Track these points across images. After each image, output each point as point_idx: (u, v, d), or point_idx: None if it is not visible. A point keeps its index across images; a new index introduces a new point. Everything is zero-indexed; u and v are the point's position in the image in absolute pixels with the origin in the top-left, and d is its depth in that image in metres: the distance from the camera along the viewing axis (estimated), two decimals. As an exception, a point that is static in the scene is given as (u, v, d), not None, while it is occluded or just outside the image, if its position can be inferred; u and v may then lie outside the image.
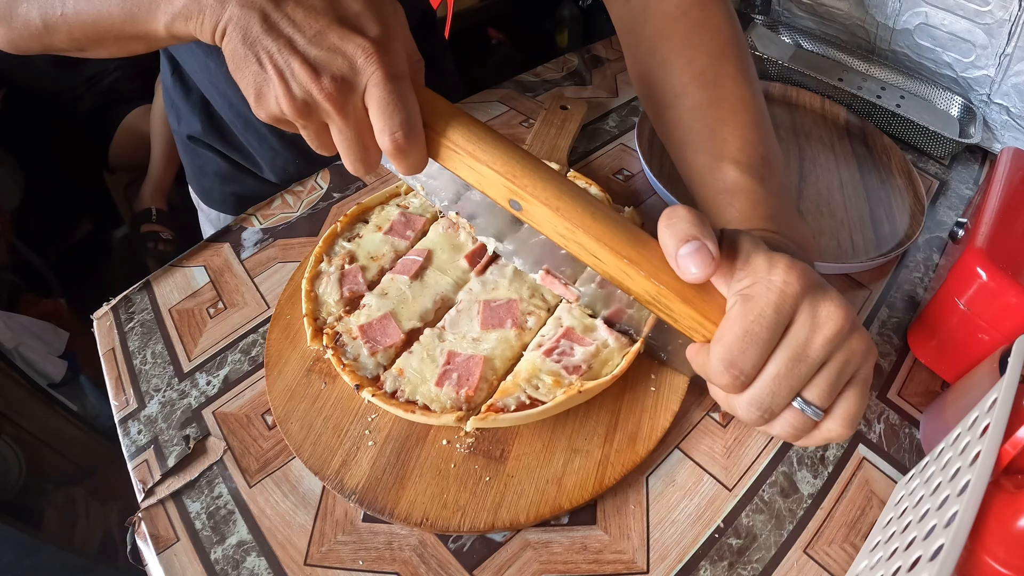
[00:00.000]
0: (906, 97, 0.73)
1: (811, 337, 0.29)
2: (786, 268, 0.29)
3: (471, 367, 0.42)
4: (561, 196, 0.33)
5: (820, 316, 0.29)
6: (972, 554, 0.30)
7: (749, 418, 0.30)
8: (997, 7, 0.61)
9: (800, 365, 0.29)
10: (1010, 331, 0.41)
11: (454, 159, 0.34)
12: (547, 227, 0.34)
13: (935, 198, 0.64)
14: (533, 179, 0.33)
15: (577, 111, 0.69)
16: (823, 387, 0.29)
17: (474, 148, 0.33)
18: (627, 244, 0.32)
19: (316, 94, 0.30)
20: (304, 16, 0.30)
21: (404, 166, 0.33)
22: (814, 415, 0.30)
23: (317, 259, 0.50)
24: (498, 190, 0.34)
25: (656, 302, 0.33)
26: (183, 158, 0.75)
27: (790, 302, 0.29)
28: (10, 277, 1.33)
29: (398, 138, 0.31)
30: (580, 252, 0.34)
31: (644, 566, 0.38)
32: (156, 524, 0.41)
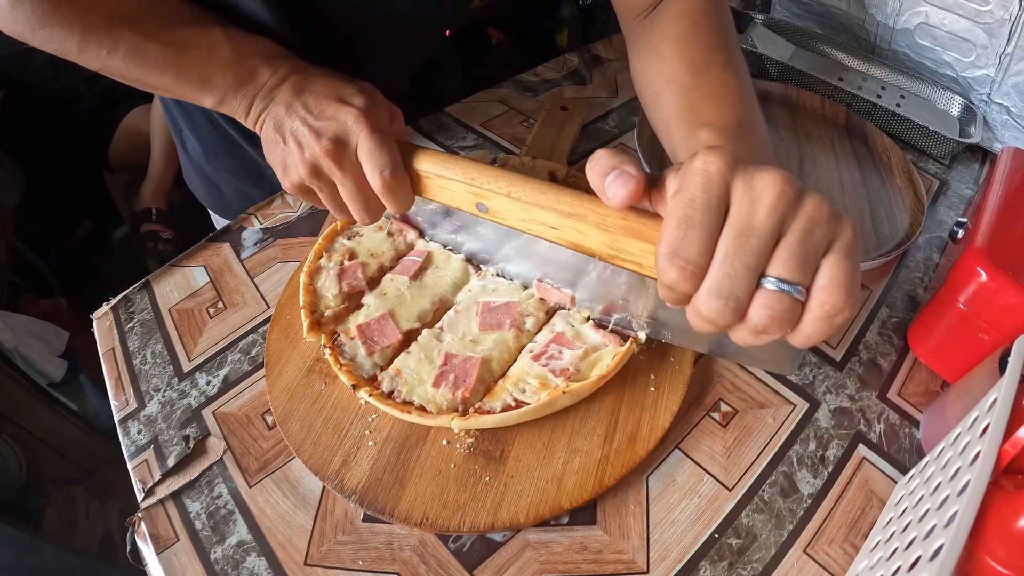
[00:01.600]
0: (906, 97, 0.73)
1: (752, 209, 0.27)
2: (705, 151, 0.28)
3: (468, 368, 0.42)
4: (512, 183, 0.37)
5: (756, 187, 0.27)
6: (972, 554, 0.30)
7: (714, 311, 0.28)
8: (997, 7, 0.61)
9: (749, 239, 0.27)
10: (1010, 331, 0.41)
11: (429, 186, 0.41)
12: (509, 215, 0.38)
13: (935, 198, 0.64)
14: (487, 177, 0.38)
15: (577, 111, 0.69)
16: (788, 258, 0.27)
17: (440, 170, 0.40)
18: (573, 204, 0.34)
19: (319, 153, 0.39)
20: (314, 100, 0.40)
21: (394, 202, 0.40)
22: (793, 292, 0.27)
23: (317, 254, 0.50)
24: (465, 198, 0.40)
25: (615, 250, 0.34)
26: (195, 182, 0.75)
27: (717, 180, 0.28)
28: (10, 277, 1.33)
29: (386, 176, 0.39)
30: (540, 229, 0.37)
31: (644, 566, 0.38)
32: (156, 524, 0.41)
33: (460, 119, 0.71)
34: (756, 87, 0.74)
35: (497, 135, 0.69)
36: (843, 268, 0.27)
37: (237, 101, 0.43)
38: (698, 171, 0.28)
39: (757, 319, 0.28)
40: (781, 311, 0.27)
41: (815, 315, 0.27)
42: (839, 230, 0.28)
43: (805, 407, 0.46)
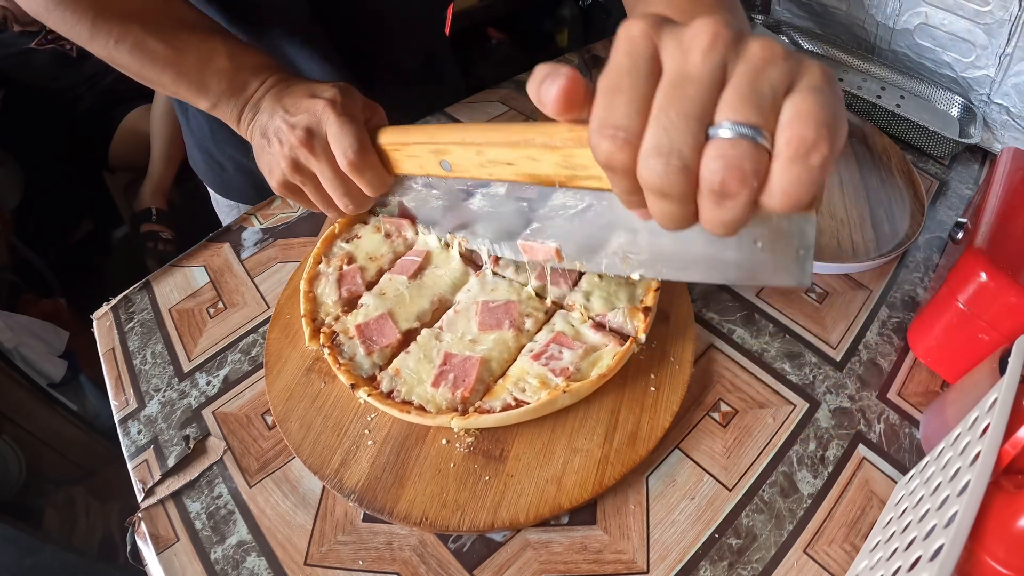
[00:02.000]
0: (906, 97, 0.73)
1: (684, 58, 0.23)
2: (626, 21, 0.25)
3: (467, 368, 0.42)
4: (466, 130, 0.38)
5: (686, 37, 0.24)
6: (972, 554, 0.30)
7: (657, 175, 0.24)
8: (997, 7, 0.61)
9: (684, 87, 0.23)
10: (1010, 331, 0.41)
11: (398, 159, 0.42)
12: (470, 166, 0.39)
13: (935, 198, 0.64)
14: (444, 132, 0.39)
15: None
16: (737, 99, 0.23)
17: (401, 137, 0.41)
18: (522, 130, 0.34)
19: (295, 144, 0.41)
20: (291, 100, 0.43)
21: (366, 182, 0.42)
22: (751, 133, 0.22)
23: (315, 260, 0.50)
24: (429, 159, 0.41)
25: (570, 168, 0.33)
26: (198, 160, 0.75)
27: (640, 41, 0.24)
28: (10, 277, 1.33)
29: (350, 155, 0.40)
30: (498, 170, 0.37)
31: (644, 566, 0.38)
32: (156, 524, 0.41)
33: (460, 119, 0.71)
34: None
35: (497, 135, 0.69)
36: (811, 100, 0.22)
37: (229, 109, 0.46)
38: (619, 38, 0.25)
39: (710, 174, 0.23)
40: (738, 157, 0.23)
41: (784, 157, 0.22)
42: (801, 69, 0.23)
43: (805, 407, 0.46)
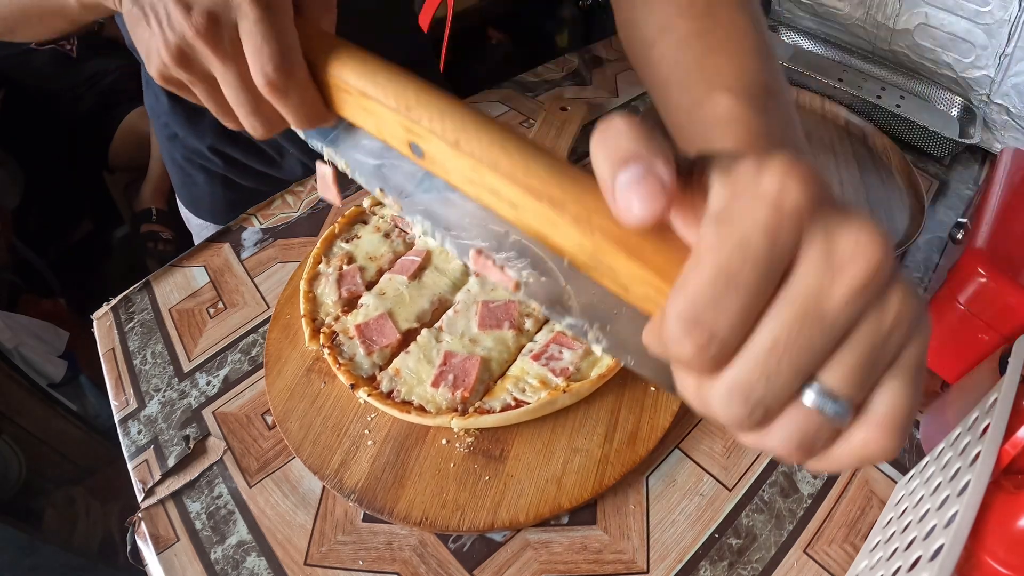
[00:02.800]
0: (906, 97, 0.73)
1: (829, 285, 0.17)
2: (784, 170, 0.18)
3: (467, 368, 0.42)
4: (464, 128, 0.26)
5: (843, 251, 0.17)
6: (972, 554, 0.30)
7: (730, 415, 0.19)
8: (997, 7, 0.61)
9: (813, 330, 0.18)
10: (1010, 331, 0.41)
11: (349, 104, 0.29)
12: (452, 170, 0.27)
13: (935, 198, 0.64)
14: (430, 110, 0.27)
15: (577, 112, 0.69)
16: (851, 368, 0.18)
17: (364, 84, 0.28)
18: (549, 180, 0.23)
19: (188, 33, 0.28)
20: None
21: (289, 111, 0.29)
22: (836, 414, 0.18)
23: (315, 260, 0.50)
24: (395, 131, 0.28)
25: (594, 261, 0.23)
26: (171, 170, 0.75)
27: (790, 224, 0.17)
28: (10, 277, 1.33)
29: (269, 73, 0.28)
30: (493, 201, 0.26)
31: (644, 566, 0.38)
32: (156, 524, 0.41)
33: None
34: (756, 87, 0.74)
35: (497, 135, 0.69)
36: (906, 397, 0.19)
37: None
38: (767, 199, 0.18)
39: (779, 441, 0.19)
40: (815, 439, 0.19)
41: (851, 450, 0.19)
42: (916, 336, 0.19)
43: (805, 407, 0.46)
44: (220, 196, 0.71)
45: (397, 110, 0.27)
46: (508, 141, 0.25)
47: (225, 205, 0.71)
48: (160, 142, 0.73)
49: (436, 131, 0.26)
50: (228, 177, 0.69)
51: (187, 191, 0.74)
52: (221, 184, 0.70)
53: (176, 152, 0.70)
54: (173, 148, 0.70)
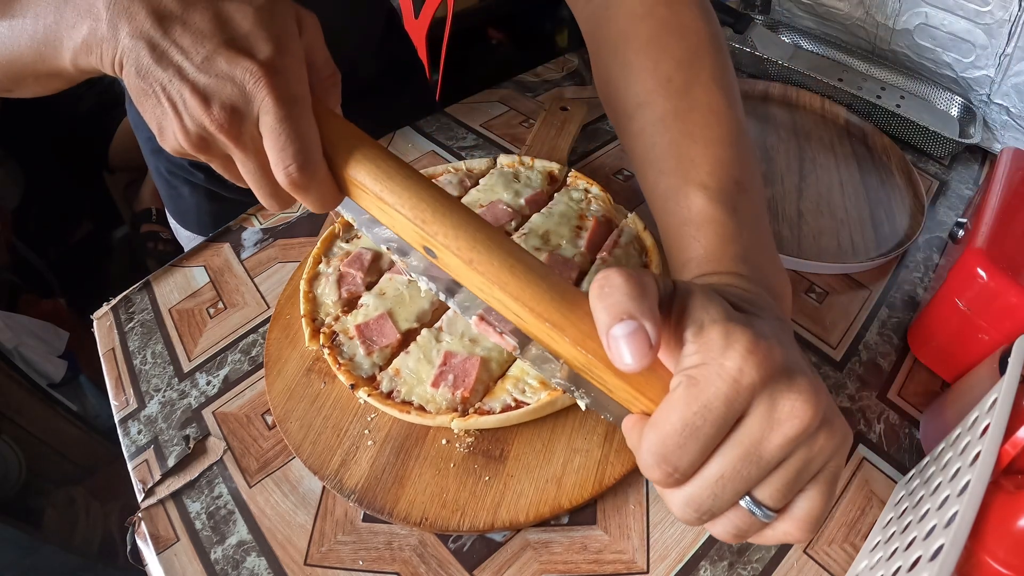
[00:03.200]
0: (906, 97, 0.73)
1: (767, 436, 0.23)
2: (744, 353, 0.23)
3: (467, 368, 0.42)
4: (475, 247, 0.28)
5: (781, 412, 0.23)
6: (972, 554, 0.30)
7: (683, 515, 0.25)
8: (997, 7, 0.61)
9: (751, 466, 0.24)
10: (1010, 331, 0.41)
11: (363, 198, 0.31)
12: (463, 279, 0.30)
13: (935, 198, 0.64)
14: (444, 226, 0.29)
15: (577, 112, 0.69)
16: (778, 487, 0.24)
17: (380, 188, 0.30)
18: (551, 305, 0.27)
19: (209, 125, 0.28)
20: (191, 41, 0.28)
21: (310, 203, 0.31)
22: (764, 517, 0.25)
23: (315, 260, 0.50)
24: (411, 235, 0.31)
25: (586, 371, 0.28)
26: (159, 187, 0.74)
27: (744, 395, 0.23)
28: (10, 277, 1.33)
29: (292, 172, 0.29)
30: (500, 308, 0.29)
31: (644, 566, 0.38)
32: (156, 524, 0.41)
33: (460, 119, 0.71)
34: (756, 87, 0.74)
35: (497, 135, 0.69)
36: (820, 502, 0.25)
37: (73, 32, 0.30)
38: (728, 377, 0.23)
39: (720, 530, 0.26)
40: (745, 531, 0.26)
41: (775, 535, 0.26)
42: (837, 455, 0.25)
43: (805, 407, 0.46)
44: (205, 208, 0.71)
45: (413, 220, 0.29)
46: (517, 264, 0.28)
47: (211, 217, 0.71)
48: (146, 156, 0.73)
49: (451, 248, 0.29)
50: (211, 190, 0.70)
51: (174, 204, 0.74)
52: (205, 196, 0.71)
53: (160, 165, 0.71)
54: (158, 161, 0.71)
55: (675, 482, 0.25)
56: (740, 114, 0.37)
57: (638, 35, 0.39)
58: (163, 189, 0.74)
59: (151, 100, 0.29)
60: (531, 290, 0.27)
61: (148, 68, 0.28)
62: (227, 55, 0.28)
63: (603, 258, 0.50)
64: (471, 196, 0.56)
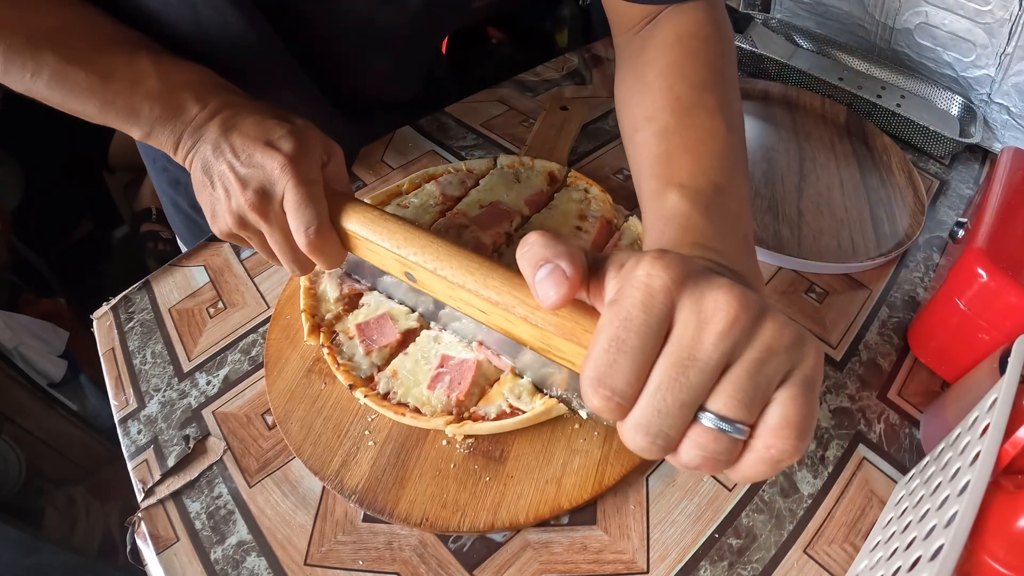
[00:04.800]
0: (906, 97, 0.73)
1: (697, 335, 0.23)
2: (651, 260, 0.24)
3: (464, 371, 0.42)
4: (439, 258, 0.34)
5: (706, 309, 0.23)
6: (972, 554, 0.30)
7: (639, 447, 0.24)
8: (997, 7, 0.61)
9: (688, 371, 0.23)
10: (1010, 331, 0.41)
11: (359, 246, 0.39)
12: (437, 290, 0.36)
13: (935, 198, 0.64)
14: (414, 247, 0.36)
15: (577, 112, 0.69)
16: (732, 393, 0.23)
17: (367, 232, 0.38)
18: (501, 291, 0.32)
19: (244, 204, 0.37)
20: (241, 142, 0.38)
21: (322, 260, 0.39)
22: (734, 432, 0.23)
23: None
24: (393, 265, 0.38)
25: (545, 345, 0.31)
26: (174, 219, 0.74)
27: (660, 297, 0.23)
28: (10, 277, 1.33)
29: (310, 234, 0.37)
30: (469, 310, 0.35)
31: (644, 566, 0.38)
32: (156, 524, 0.41)
33: (460, 119, 0.71)
34: (756, 87, 0.74)
35: (497, 135, 0.69)
36: (798, 405, 0.23)
37: (165, 136, 0.40)
38: (639, 284, 0.24)
39: (688, 457, 0.24)
40: (716, 452, 0.23)
41: (758, 456, 0.24)
42: (800, 357, 0.24)
43: (805, 407, 0.46)
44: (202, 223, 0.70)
45: (391, 249, 0.36)
46: (472, 265, 0.33)
47: None
48: (160, 188, 0.72)
49: (420, 262, 0.35)
50: None
51: (194, 238, 0.72)
52: None
53: (180, 198, 0.70)
54: (176, 195, 0.70)
55: (617, 406, 0.24)
56: (738, 137, 0.39)
57: (663, 60, 0.42)
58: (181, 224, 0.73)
59: (208, 189, 0.39)
60: (484, 282, 0.32)
61: (210, 163, 0.38)
62: (263, 151, 0.37)
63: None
64: (471, 196, 0.56)
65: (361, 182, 0.64)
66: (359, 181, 0.64)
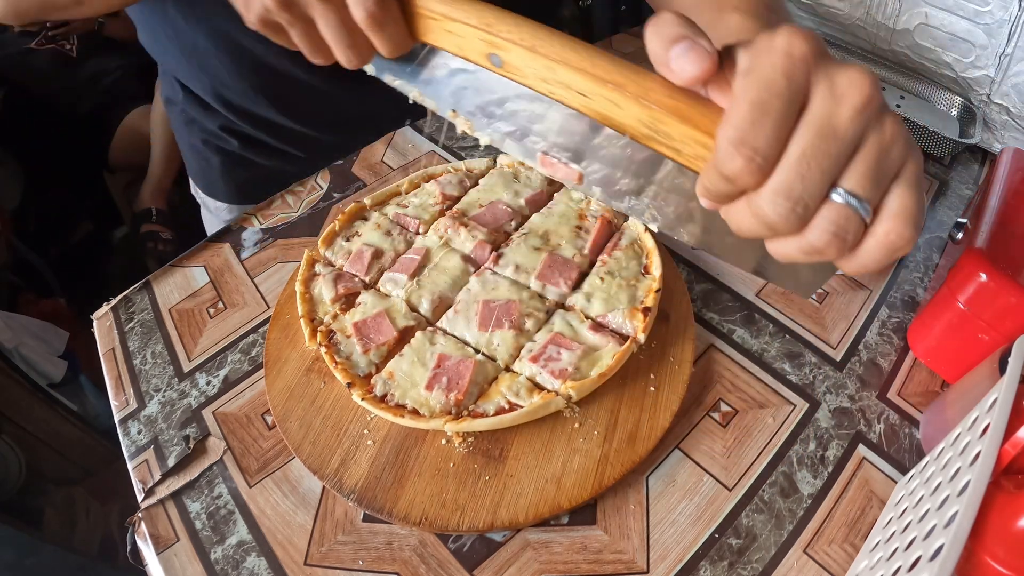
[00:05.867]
0: (906, 97, 0.73)
1: (836, 109, 0.24)
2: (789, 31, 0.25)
3: (461, 371, 0.42)
4: (537, 35, 0.32)
5: (841, 84, 0.24)
6: (972, 554, 0.30)
7: (778, 213, 0.25)
8: (997, 7, 0.61)
9: (829, 141, 0.24)
10: (1010, 331, 0.41)
11: (433, 28, 0.35)
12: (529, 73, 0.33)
13: (935, 198, 0.64)
14: (508, 24, 0.33)
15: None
16: (864, 172, 0.25)
17: (447, 9, 0.34)
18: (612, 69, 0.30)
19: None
20: None
21: (383, 42, 0.34)
22: (862, 210, 0.25)
23: (308, 262, 0.50)
24: (476, 46, 0.34)
25: (652, 130, 0.30)
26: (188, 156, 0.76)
27: (800, 67, 0.24)
28: (10, 277, 1.33)
29: (369, 6, 0.32)
30: (565, 94, 0.32)
31: (644, 566, 0.38)
32: (156, 524, 0.41)
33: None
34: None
35: (497, 135, 0.69)
36: (914, 196, 0.25)
37: None
38: (780, 51, 0.24)
39: (819, 233, 0.25)
40: (846, 229, 0.25)
41: (878, 242, 0.26)
42: (910, 156, 0.26)
43: (805, 407, 0.46)
44: (235, 176, 0.73)
45: (479, 27, 0.33)
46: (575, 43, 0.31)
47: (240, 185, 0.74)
48: (178, 130, 0.75)
49: (515, 39, 0.32)
50: (244, 156, 0.72)
51: (203, 175, 0.76)
52: (236, 164, 0.72)
53: (193, 137, 0.73)
54: (190, 133, 0.73)
55: (758, 168, 0.25)
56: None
57: None
58: (193, 161, 0.76)
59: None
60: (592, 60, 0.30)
61: None
62: None
63: (603, 260, 0.50)
64: (471, 196, 0.56)
65: (361, 182, 0.64)
66: (359, 181, 0.64)
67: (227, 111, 0.67)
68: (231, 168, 0.73)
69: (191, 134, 0.72)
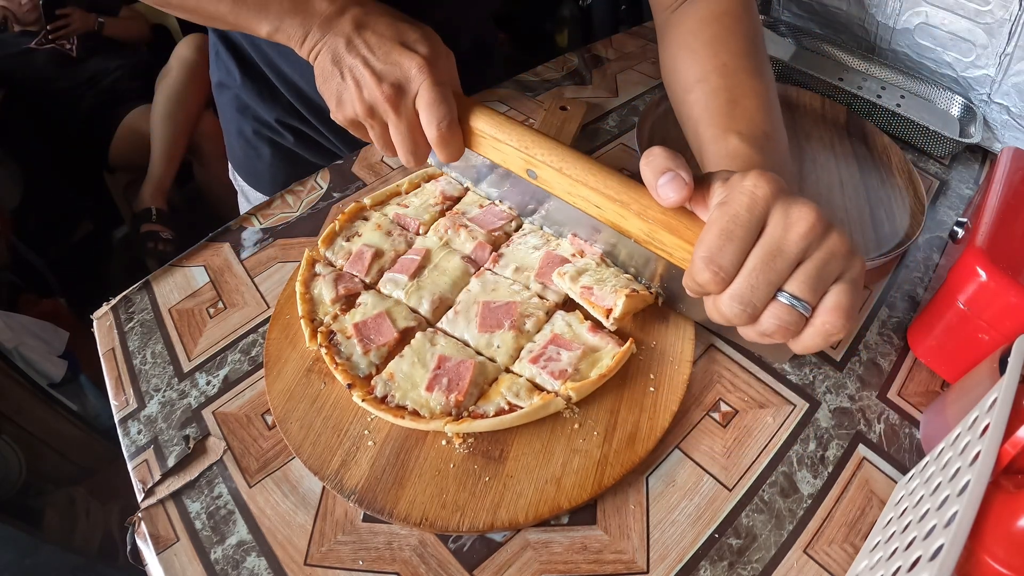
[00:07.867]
0: (906, 97, 0.73)
1: (785, 234, 0.32)
2: (756, 175, 0.33)
3: (461, 372, 0.42)
4: (564, 159, 0.40)
5: (792, 215, 0.32)
6: (972, 554, 0.30)
7: (732, 313, 0.33)
8: (997, 7, 0.61)
9: (777, 259, 0.31)
10: (1010, 331, 0.41)
11: (482, 144, 0.45)
12: (557, 187, 0.42)
13: (935, 198, 0.64)
14: (542, 149, 0.41)
15: (576, 111, 0.69)
16: (804, 279, 0.32)
17: (495, 131, 0.43)
18: (620, 191, 0.39)
19: (378, 97, 0.41)
20: (376, 40, 0.42)
21: (446, 153, 0.43)
22: (802, 308, 0.32)
23: (308, 262, 0.50)
24: (516, 162, 0.43)
25: (650, 238, 0.39)
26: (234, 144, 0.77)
27: (762, 203, 0.32)
28: (10, 277, 1.33)
29: (442, 128, 0.41)
30: (584, 205, 0.41)
31: (644, 566, 0.38)
32: (156, 524, 0.41)
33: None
34: (756, 87, 0.74)
35: (497, 135, 0.69)
36: (847, 296, 0.32)
37: (293, 29, 0.44)
38: (747, 191, 0.32)
39: (766, 324, 0.33)
40: (788, 322, 0.32)
41: (816, 330, 0.32)
42: (851, 264, 0.32)
43: (805, 407, 0.46)
44: (281, 169, 0.75)
45: (519, 148, 0.42)
46: (594, 166, 0.40)
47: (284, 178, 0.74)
48: (226, 116, 0.76)
49: (547, 162, 0.41)
50: (296, 153, 0.74)
51: (250, 165, 0.77)
52: (284, 158, 0.74)
53: (245, 125, 0.73)
54: (242, 121, 0.73)
55: (721, 280, 0.32)
56: (774, 96, 0.49)
57: (706, 32, 0.51)
58: (239, 149, 0.76)
59: (337, 79, 0.43)
60: (605, 183, 0.39)
61: (342, 55, 0.42)
62: (400, 50, 0.41)
63: (603, 258, 0.50)
64: (470, 196, 0.56)
65: (361, 182, 0.64)
66: (359, 181, 0.64)
67: (290, 93, 0.68)
68: (280, 162, 0.74)
69: (243, 121, 0.73)
